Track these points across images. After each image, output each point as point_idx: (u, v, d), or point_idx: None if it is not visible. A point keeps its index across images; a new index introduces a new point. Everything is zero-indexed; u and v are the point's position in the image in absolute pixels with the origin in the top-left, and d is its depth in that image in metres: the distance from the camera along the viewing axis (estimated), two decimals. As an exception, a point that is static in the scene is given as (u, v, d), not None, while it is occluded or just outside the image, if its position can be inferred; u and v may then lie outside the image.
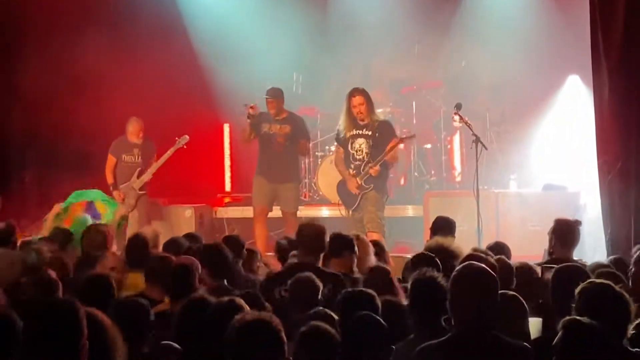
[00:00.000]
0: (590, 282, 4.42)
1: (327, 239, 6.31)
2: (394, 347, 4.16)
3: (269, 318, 3.77)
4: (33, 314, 3.84)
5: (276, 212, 11.01)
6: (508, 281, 5.48)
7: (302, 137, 10.32)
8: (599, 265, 5.94)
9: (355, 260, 6.28)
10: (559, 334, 3.95)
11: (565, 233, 6.81)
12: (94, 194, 10.20)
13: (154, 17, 12.22)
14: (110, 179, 10.87)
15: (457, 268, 4.30)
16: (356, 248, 6.33)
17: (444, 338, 4.12)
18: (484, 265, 4.32)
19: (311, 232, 6.31)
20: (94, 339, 3.87)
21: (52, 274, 5.54)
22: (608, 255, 7.80)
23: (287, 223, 10.30)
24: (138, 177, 10.80)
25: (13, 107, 11.81)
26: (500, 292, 4.75)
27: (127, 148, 10.89)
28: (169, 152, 10.80)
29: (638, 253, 6.01)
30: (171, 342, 4.48)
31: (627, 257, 6.63)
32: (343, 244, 6.32)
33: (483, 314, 4.08)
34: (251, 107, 10.21)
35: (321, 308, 4.89)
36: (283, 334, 3.72)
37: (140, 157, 10.89)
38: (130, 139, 10.88)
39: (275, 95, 10.28)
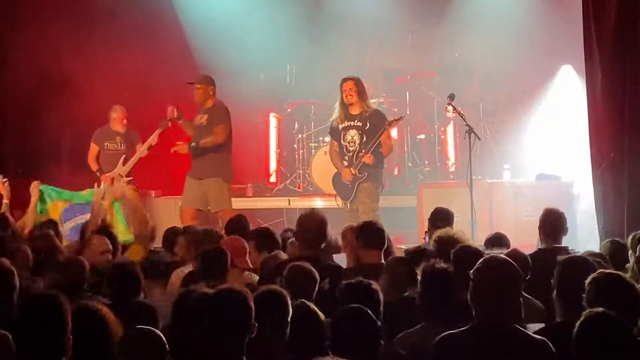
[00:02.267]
0: (601, 272, 4.42)
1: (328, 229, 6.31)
2: (382, 341, 4.16)
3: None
4: (18, 308, 3.86)
5: (268, 203, 10.95)
6: (524, 272, 5.49)
7: (217, 124, 9.77)
8: (591, 254, 5.94)
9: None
10: (580, 325, 3.92)
11: (549, 223, 6.80)
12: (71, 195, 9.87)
13: (147, 9, 12.17)
14: (94, 166, 10.80)
15: (480, 260, 4.29)
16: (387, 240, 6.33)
17: (464, 328, 4.12)
18: (507, 258, 4.32)
19: (312, 223, 6.26)
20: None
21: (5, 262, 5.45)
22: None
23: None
24: (123, 164, 10.64)
25: (5, 98, 11.77)
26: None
27: (109, 136, 10.84)
28: (153, 137, 10.57)
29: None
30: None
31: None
32: (376, 237, 6.30)
33: (505, 306, 4.08)
34: (170, 119, 9.96)
35: None
36: None
37: (123, 145, 10.83)
38: (113, 127, 10.84)
39: (203, 81, 9.90)
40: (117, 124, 10.84)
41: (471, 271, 4.21)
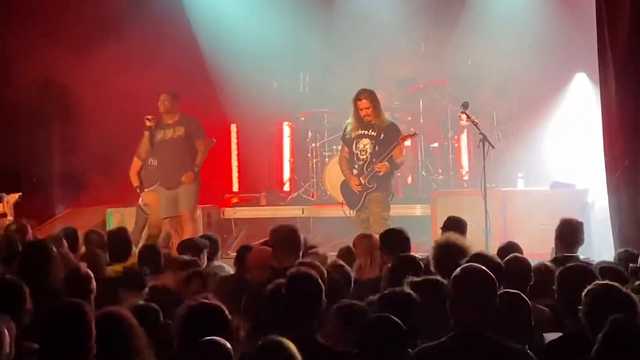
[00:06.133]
0: (597, 283, 4.39)
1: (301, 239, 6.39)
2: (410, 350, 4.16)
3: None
4: (43, 316, 3.90)
5: (281, 211, 10.91)
6: (527, 278, 5.48)
7: (198, 137, 10.22)
8: (603, 264, 5.91)
9: None
10: (603, 332, 3.89)
11: (567, 233, 6.79)
12: None
13: (160, 18, 12.21)
14: (135, 182, 10.51)
15: (457, 269, 4.30)
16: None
17: (442, 339, 4.12)
18: (483, 267, 4.33)
19: (284, 234, 6.34)
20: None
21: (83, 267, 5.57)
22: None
23: (185, 226, 10.02)
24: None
25: (14, 111, 11.84)
26: (504, 290, 4.77)
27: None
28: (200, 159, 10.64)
29: None
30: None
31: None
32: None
33: (481, 315, 4.09)
34: (148, 119, 10.00)
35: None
36: None
37: None
38: None
39: (170, 92, 10.15)
40: None
41: (450, 280, 4.23)
